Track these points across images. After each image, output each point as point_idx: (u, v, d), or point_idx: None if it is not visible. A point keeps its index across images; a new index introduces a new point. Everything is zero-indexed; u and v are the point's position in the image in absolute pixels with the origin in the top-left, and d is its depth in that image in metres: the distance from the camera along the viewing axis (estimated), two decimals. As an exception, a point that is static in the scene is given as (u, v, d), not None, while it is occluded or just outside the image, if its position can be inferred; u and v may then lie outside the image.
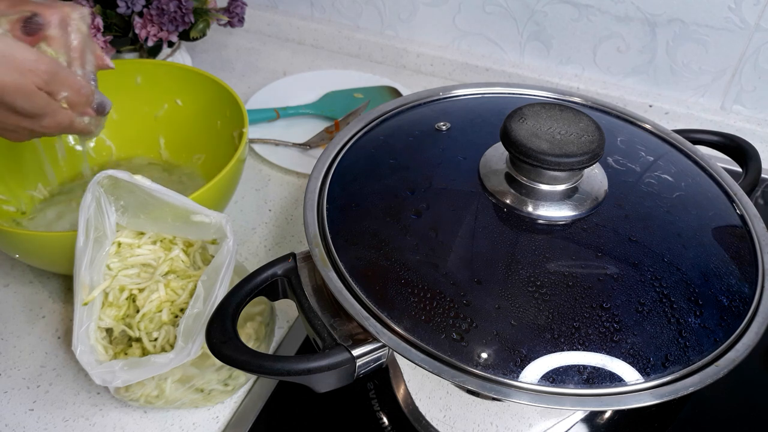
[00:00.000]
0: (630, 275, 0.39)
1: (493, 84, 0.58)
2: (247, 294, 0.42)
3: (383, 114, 0.54)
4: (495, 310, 0.37)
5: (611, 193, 0.44)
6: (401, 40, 0.93)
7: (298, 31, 0.99)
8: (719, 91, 0.79)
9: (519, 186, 0.43)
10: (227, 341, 0.38)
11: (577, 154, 0.40)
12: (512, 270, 0.39)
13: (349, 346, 0.38)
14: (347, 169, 0.49)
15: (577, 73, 0.85)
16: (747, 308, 0.40)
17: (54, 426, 0.49)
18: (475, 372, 0.36)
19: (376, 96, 0.85)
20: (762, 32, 0.72)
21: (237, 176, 0.60)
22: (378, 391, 0.50)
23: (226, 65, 0.94)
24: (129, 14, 0.71)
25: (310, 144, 0.77)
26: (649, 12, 0.76)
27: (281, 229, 0.67)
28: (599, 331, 0.37)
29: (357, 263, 0.41)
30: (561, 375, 0.36)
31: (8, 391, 0.51)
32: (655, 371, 0.36)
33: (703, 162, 0.51)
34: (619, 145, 0.50)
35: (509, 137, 0.42)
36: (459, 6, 0.86)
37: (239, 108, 0.63)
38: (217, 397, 0.50)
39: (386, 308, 0.38)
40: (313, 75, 0.90)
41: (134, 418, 0.50)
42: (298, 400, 0.51)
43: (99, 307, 0.47)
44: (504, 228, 0.42)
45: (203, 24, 0.76)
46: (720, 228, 0.45)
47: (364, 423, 0.50)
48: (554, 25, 0.82)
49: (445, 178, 0.46)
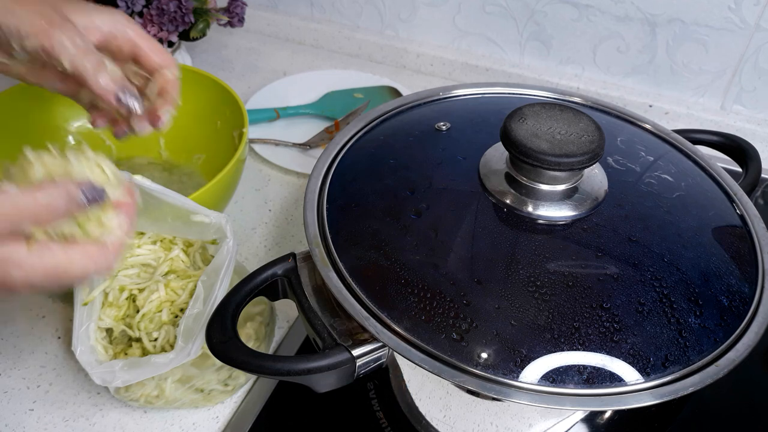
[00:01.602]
0: (630, 275, 0.39)
1: (493, 84, 0.58)
2: (247, 294, 0.42)
3: (383, 114, 0.54)
4: (495, 310, 0.37)
5: (611, 193, 0.44)
6: (401, 40, 0.93)
7: (298, 31, 0.99)
8: (719, 91, 0.79)
9: (519, 186, 0.43)
10: (227, 341, 0.38)
11: (577, 154, 0.40)
12: (512, 270, 0.39)
13: (349, 346, 0.38)
14: (347, 169, 0.49)
15: (577, 73, 0.85)
16: (747, 308, 0.40)
17: (54, 426, 0.49)
18: (475, 372, 0.36)
19: (376, 96, 0.85)
20: (762, 32, 0.72)
21: (237, 176, 0.60)
22: (378, 391, 0.50)
23: (226, 65, 0.94)
24: (129, 14, 0.71)
25: (310, 144, 0.77)
26: (649, 12, 0.76)
27: (281, 229, 0.67)
28: (599, 331, 0.37)
29: (357, 263, 0.41)
30: (561, 375, 0.36)
31: (8, 391, 0.51)
32: (655, 371, 0.36)
33: (703, 162, 0.51)
34: (619, 145, 0.50)
35: (509, 137, 0.42)
36: (459, 6, 0.86)
37: (239, 108, 0.63)
38: (217, 397, 0.50)
39: (386, 308, 0.38)
40: (313, 75, 0.90)
41: (134, 418, 0.50)
42: (298, 400, 0.51)
43: (99, 307, 0.47)
44: (504, 228, 0.42)
45: (203, 24, 0.76)
46: (720, 228, 0.45)
47: (364, 423, 0.50)
48: (554, 25, 0.82)
49: (445, 178, 0.46)
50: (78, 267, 0.33)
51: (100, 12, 0.45)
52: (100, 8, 0.46)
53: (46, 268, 0.32)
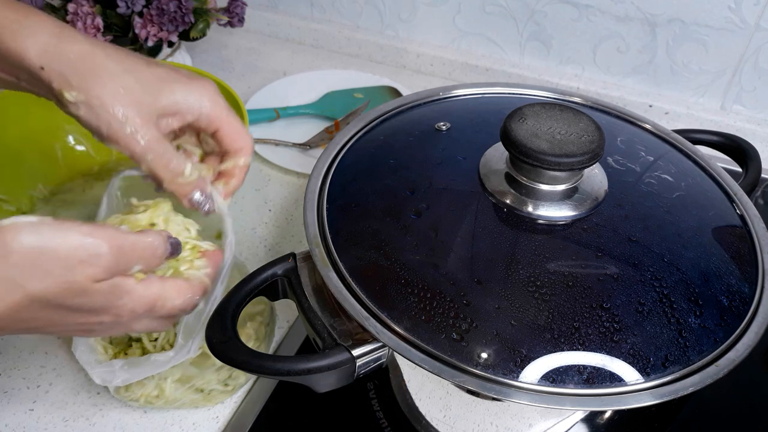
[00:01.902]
0: (630, 275, 0.39)
1: (493, 84, 0.58)
2: (247, 294, 0.42)
3: (383, 114, 0.54)
4: (495, 310, 0.37)
5: (611, 193, 0.44)
6: (401, 40, 0.93)
7: (298, 31, 0.99)
8: (719, 91, 0.79)
9: (519, 186, 0.43)
10: (227, 341, 0.38)
11: (577, 154, 0.40)
12: (512, 270, 0.39)
13: (349, 346, 0.38)
14: (347, 169, 0.49)
15: (577, 73, 0.85)
16: (747, 308, 0.40)
17: (54, 426, 0.49)
18: (475, 372, 0.36)
19: (376, 96, 0.85)
20: (762, 32, 0.72)
21: (237, 176, 0.60)
22: (378, 391, 0.50)
23: (226, 65, 0.94)
24: (129, 14, 0.71)
25: (310, 144, 0.77)
26: (649, 12, 0.76)
27: (281, 229, 0.67)
28: (599, 331, 0.37)
29: (357, 263, 0.41)
30: (561, 375, 0.36)
31: (8, 391, 0.51)
32: (655, 371, 0.36)
33: (703, 162, 0.51)
34: (619, 145, 0.50)
35: (509, 137, 0.42)
36: (459, 6, 0.86)
37: (239, 108, 0.63)
38: (217, 397, 0.50)
39: (386, 308, 0.38)
40: (313, 75, 0.90)
41: (134, 418, 0.50)
42: (298, 400, 0.51)
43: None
44: (504, 228, 0.42)
45: (203, 24, 0.76)
46: (720, 228, 0.45)
47: (364, 423, 0.50)
48: (554, 25, 0.82)
49: (445, 178, 0.46)
50: (172, 298, 0.38)
51: (187, 89, 0.42)
52: (185, 80, 0.42)
53: (149, 297, 0.37)
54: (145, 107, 0.40)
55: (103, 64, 0.39)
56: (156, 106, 0.40)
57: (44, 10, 0.69)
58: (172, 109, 0.42)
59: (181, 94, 0.42)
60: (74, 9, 0.69)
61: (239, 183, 0.46)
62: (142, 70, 0.40)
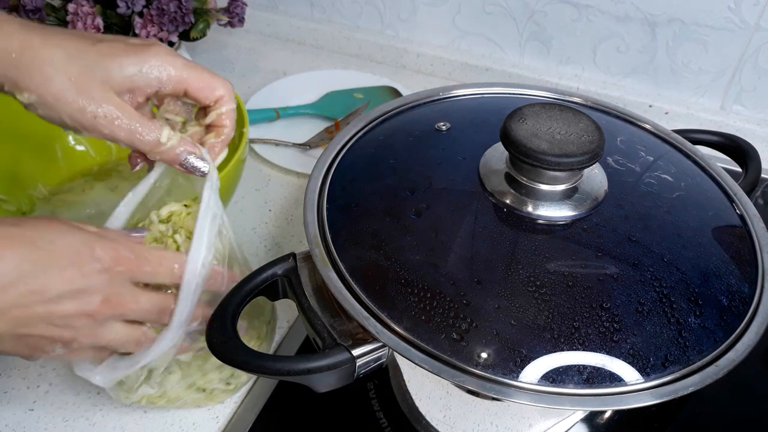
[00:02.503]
0: (630, 275, 0.39)
1: (493, 84, 0.58)
2: (247, 294, 0.42)
3: (383, 114, 0.54)
4: (495, 310, 0.37)
5: (611, 193, 0.44)
6: (401, 40, 0.93)
7: (298, 31, 0.99)
8: (719, 91, 0.79)
9: (519, 186, 0.43)
10: (227, 341, 0.38)
11: (577, 154, 0.40)
12: (512, 270, 0.39)
13: (349, 346, 0.38)
14: (347, 169, 0.49)
15: (577, 73, 0.85)
16: (747, 308, 0.40)
17: (54, 426, 0.49)
18: (475, 372, 0.36)
19: (376, 96, 0.85)
20: (762, 32, 0.72)
21: (237, 176, 0.60)
22: (378, 391, 0.50)
23: (226, 65, 0.94)
24: (129, 14, 0.71)
25: (310, 144, 0.77)
26: (649, 12, 0.76)
27: (281, 229, 0.67)
28: (599, 331, 0.37)
29: (357, 263, 0.41)
30: (561, 375, 0.36)
31: (8, 391, 0.51)
32: (655, 371, 0.36)
33: (703, 162, 0.51)
34: (619, 145, 0.50)
35: (509, 137, 0.42)
36: (459, 6, 0.86)
37: (239, 108, 0.63)
38: (219, 396, 0.50)
39: (386, 308, 0.38)
40: (313, 75, 0.90)
41: (134, 418, 0.50)
42: (298, 400, 0.51)
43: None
44: (504, 228, 0.42)
45: (203, 24, 0.76)
46: (720, 228, 0.45)
47: (364, 423, 0.50)
48: (554, 25, 0.82)
49: (445, 178, 0.46)
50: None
51: (138, 60, 0.41)
52: (135, 51, 0.41)
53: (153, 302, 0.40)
54: (98, 90, 0.39)
55: (45, 56, 0.38)
56: (111, 84, 0.40)
57: (44, 10, 0.69)
58: (128, 85, 0.41)
59: (132, 68, 0.40)
60: (74, 9, 0.69)
61: (231, 130, 0.46)
62: (87, 50, 0.39)
